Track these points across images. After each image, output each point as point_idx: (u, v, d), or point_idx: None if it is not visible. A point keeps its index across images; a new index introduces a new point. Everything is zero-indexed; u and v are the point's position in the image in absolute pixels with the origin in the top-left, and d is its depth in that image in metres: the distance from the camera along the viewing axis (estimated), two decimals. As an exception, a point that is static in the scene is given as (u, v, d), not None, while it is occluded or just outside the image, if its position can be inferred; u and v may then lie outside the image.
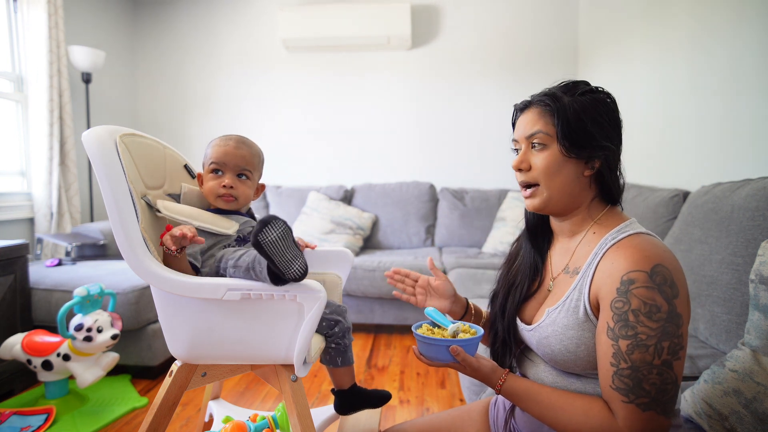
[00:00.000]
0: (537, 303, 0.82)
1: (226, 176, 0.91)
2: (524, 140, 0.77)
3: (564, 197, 0.75)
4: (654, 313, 0.61)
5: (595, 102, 0.73)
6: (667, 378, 0.61)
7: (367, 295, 2.52)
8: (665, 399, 0.62)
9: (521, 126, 0.78)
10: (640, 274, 0.63)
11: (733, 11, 1.63)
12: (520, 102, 0.80)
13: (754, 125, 1.55)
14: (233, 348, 0.81)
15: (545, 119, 0.74)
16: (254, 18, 3.40)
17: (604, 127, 0.72)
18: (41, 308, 1.94)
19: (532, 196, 0.77)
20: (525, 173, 0.77)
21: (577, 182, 0.74)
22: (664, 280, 0.62)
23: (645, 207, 1.77)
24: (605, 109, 0.73)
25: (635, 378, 0.61)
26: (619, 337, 0.63)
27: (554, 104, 0.73)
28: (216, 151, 0.92)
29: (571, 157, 0.72)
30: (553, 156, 0.73)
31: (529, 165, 0.76)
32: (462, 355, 0.71)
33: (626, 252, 0.66)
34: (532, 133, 0.75)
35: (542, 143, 0.74)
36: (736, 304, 1.14)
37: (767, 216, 1.12)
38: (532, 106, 0.77)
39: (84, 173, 2.93)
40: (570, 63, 3.22)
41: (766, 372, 0.81)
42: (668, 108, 2.07)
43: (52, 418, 1.58)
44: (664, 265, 0.63)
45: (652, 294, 0.62)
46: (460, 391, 1.89)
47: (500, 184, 3.27)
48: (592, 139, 0.71)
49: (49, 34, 2.48)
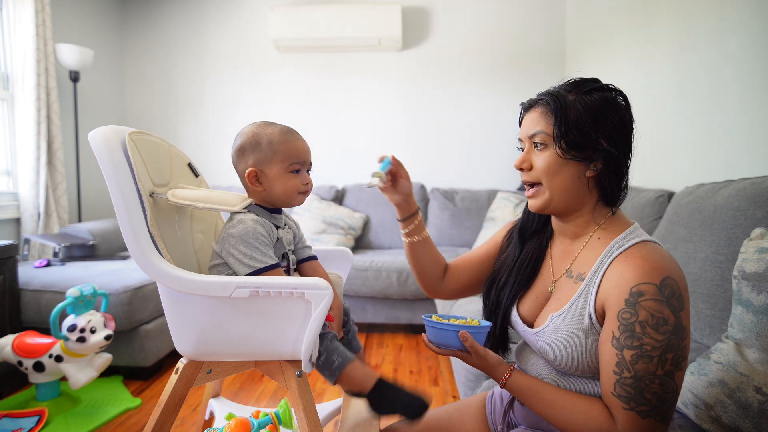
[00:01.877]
0: (539, 304, 0.83)
1: (304, 173, 0.90)
2: (527, 140, 0.77)
3: (566, 197, 0.75)
4: (661, 325, 0.62)
5: (602, 101, 0.72)
6: (668, 388, 0.63)
7: (360, 295, 2.54)
8: (665, 407, 0.63)
9: (525, 125, 0.78)
10: (649, 287, 0.63)
11: (717, 15, 1.69)
12: (527, 101, 0.80)
13: (736, 128, 1.61)
14: (240, 344, 0.82)
15: (547, 119, 0.73)
16: (245, 17, 3.39)
17: (608, 128, 0.71)
18: (30, 309, 1.92)
19: (534, 196, 0.77)
20: (527, 173, 0.77)
21: (579, 183, 0.74)
22: (673, 293, 0.63)
23: (631, 207, 1.82)
24: (612, 109, 0.72)
25: (637, 387, 0.63)
26: (624, 347, 0.64)
27: (555, 104, 0.73)
28: (294, 147, 0.88)
29: (569, 158, 0.72)
30: (553, 156, 0.73)
31: (531, 165, 0.76)
32: (470, 341, 0.74)
33: (635, 263, 0.66)
34: (533, 133, 0.75)
35: (543, 143, 0.74)
36: (719, 300, 1.19)
37: (748, 215, 1.17)
38: (536, 106, 0.76)
39: (72, 173, 2.89)
40: (557, 64, 3.29)
41: (748, 363, 0.85)
42: (653, 110, 2.14)
43: (45, 420, 1.57)
44: (672, 277, 0.64)
45: (660, 307, 0.63)
46: (453, 388, 1.92)
47: (490, 185, 3.32)
48: (590, 141, 0.71)
49: (36, 32, 2.45)
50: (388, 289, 2.48)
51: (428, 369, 2.12)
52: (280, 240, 0.90)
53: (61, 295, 1.87)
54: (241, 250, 0.82)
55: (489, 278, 0.94)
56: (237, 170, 0.92)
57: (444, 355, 0.78)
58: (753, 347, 0.86)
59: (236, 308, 0.79)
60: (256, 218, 0.86)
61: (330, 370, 0.81)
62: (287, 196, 0.89)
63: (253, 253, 0.82)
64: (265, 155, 0.87)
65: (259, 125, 0.90)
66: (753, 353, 0.85)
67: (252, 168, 0.88)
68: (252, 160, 0.88)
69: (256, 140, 0.88)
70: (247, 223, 0.84)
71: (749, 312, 0.88)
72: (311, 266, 0.97)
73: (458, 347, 0.75)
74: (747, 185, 1.23)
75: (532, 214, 0.89)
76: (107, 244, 2.65)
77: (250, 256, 0.82)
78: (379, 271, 2.49)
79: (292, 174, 0.89)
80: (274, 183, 0.88)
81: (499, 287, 0.89)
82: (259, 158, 0.88)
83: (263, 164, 0.88)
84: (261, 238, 0.84)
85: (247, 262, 0.81)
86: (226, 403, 1.17)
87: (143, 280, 1.96)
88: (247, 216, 0.86)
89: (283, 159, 0.88)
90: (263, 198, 0.90)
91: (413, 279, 2.46)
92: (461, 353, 0.76)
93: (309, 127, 3.42)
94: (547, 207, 0.77)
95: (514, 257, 0.89)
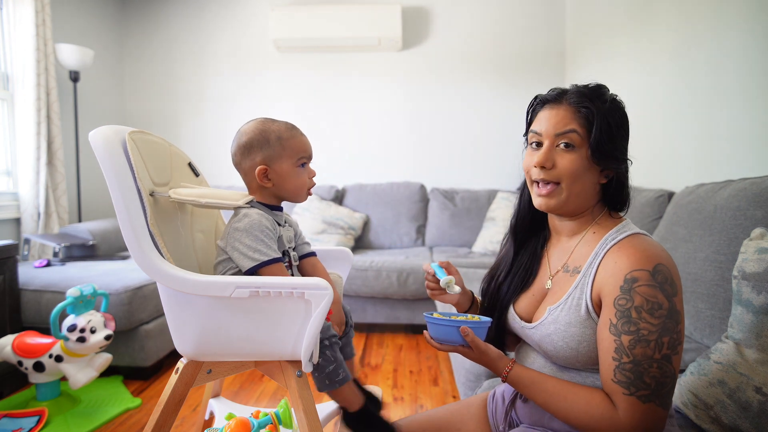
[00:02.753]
0: (536, 301, 0.84)
1: (308, 166, 0.92)
2: (551, 137, 0.74)
3: (579, 200, 0.76)
4: (656, 309, 0.64)
5: (623, 112, 0.74)
6: (666, 371, 0.64)
7: (360, 295, 2.54)
8: (664, 391, 0.64)
9: (549, 120, 0.75)
10: (642, 273, 0.66)
11: (716, 16, 1.70)
12: (550, 93, 0.77)
13: (736, 127, 1.61)
14: (240, 344, 0.82)
15: (579, 121, 0.72)
16: (245, 18, 3.39)
17: (626, 139, 0.74)
18: (30, 309, 1.92)
19: (550, 195, 0.75)
20: (547, 171, 0.74)
21: (593, 188, 0.76)
22: (665, 278, 0.65)
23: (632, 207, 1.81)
24: (625, 120, 0.75)
25: (636, 371, 0.64)
26: (622, 332, 0.65)
27: (593, 109, 0.71)
28: (300, 142, 0.90)
29: (595, 164, 0.73)
30: (581, 160, 0.72)
31: (554, 163, 0.74)
32: (471, 336, 0.74)
33: (629, 252, 0.69)
34: (563, 132, 0.73)
35: (571, 144, 0.72)
36: (719, 300, 1.19)
37: (748, 215, 1.17)
38: (565, 103, 0.74)
39: (72, 173, 2.89)
40: (557, 64, 3.29)
41: (748, 363, 0.85)
42: (653, 110, 2.14)
43: (45, 420, 1.57)
44: (663, 264, 0.66)
45: (654, 292, 0.65)
46: (453, 388, 1.92)
47: (490, 185, 3.32)
48: (617, 151, 0.73)
49: (36, 32, 2.45)
50: (388, 289, 2.48)
51: (428, 369, 2.13)
52: (281, 238, 0.91)
53: (61, 295, 1.87)
54: (246, 243, 0.83)
55: (486, 280, 0.95)
56: (241, 168, 0.91)
57: (446, 351, 0.79)
58: (753, 347, 0.86)
59: (236, 308, 0.79)
60: (260, 212, 0.88)
61: (332, 380, 0.85)
62: (298, 190, 0.91)
63: (258, 245, 0.83)
64: (275, 151, 0.88)
65: (263, 122, 0.91)
66: (753, 353, 0.85)
67: (262, 165, 0.88)
68: (260, 157, 0.88)
69: (264, 137, 0.88)
70: (252, 216, 0.86)
71: (749, 312, 0.88)
72: (311, 263, 0.99)
73: (460, 343, 0.76)
74: (747, 185, 1.23)
75: (524, 213, 0.88)
76: (107, 244, 2.65)
77: (254, 248, 0.83)
78: (379, 271, 2.49)
79: (300, 169, 0.91)
80: (285, 179, 0.89)
81: (495, 290, 0.91)
82: (269, 154, 0.88)
83: (273, 160, 0.89)
84: (266, 231, 0.85)
85: (251, 255, 0.82)
86: (226, 403, 1.17)
87: (143, 280, 1.96)
88: (252, 210, 0.87)
89: (292, 154, 0.89)
90: (272, 193, 0.92)
91: (413, 279, 2.46)
92: (463, 349, 0.77)
93: (309, 127, 3.39)
94: (560, 208, 0.77)
95: (509, 261, 0.90)
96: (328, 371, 0.84)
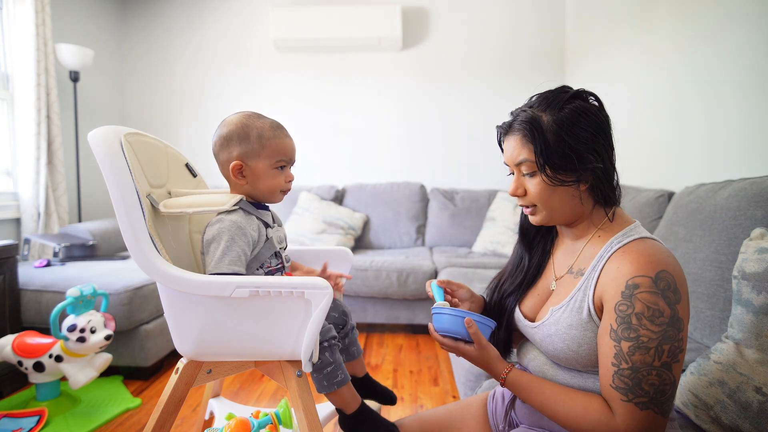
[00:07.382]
0: (540, 301, 0.85)
1: (288, 169, 0.89)
2: (513, 167, 0.78)
3: (564, 212, 0.76)
4: (657, 317, 0.63)
5: (576, 113, 0.71)
6: (665, 379, 0.63)
7: (360, 295, 2.54)
8: (663, 399, 0.64)
9: (507, 151, 0.78)
10: (644, 279, 0.65)
11: (716, 15, 1.70)
12: (503, 124, 0.80)
13: (736, 127, 1.61)
14: (240, 344, 0.82)
15: (528, 147, 0.73)
16: (245, 17, 3.39)
17: (588, 140, 0.71)
18: (30, 309, 1.92)
19: (533, 214, 0.79)
20: (522, 198, 0.78)
21: (574, 198, 0.75)
22: (668, 285, 0.64)
23: (631, 207, 1.82)
24: (585, 118, 0.71)
25: (635, 378, 0.63)
26: (622, 338, 0.65)
27: (532, 131, 0.72)
28: (281, 144, 0.87)
29: (558, 184, 0.72)
30: (542, 183, 0.74)
31: (525, 190, 0.77)
32: (474, 328, 0.75)
33: (632, 257, 0.67)
34: (518, 162, 0.75)
35: (530, 171, 0.74)
36: (719, 300, 1.19)
37: (748, 215, 1.17)
38: (514, 131, 0.76)
39: (72, 173, 2.89)
40: (557, 65, 3.29)
41: (748, 363, 0.85)
42: (653, 110, 2.14)
43: (45, 420, 1.57)
44: (668, 270, 0.65)
45: (655, 299, 0.64)
46: (453, 388, 1.92)
47: (490, 185, 3.32)
48: (575, 160, 0.71)
49: (36, 32, 2.45)
50: (388, 289, 2.48)
51: (428, 369, 2.13)
52: (271, 240, 0.88)
53: (61, 295, 1.87)
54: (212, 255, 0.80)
55: (493, 282, 0.95)
56: (218, 159, 0.88)
57: (448, 347, 0.78)
58: (753, 347, 0.86)
59: (236, 308, 0.79)
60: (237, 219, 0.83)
61: (330, 381, 0.85)
62: (270, 192, 0.88)
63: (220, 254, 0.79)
64: (253, 149, 0.85)
65: (248, 116, 0.87)
66: (753, 353, 0.85)
67: (237, 161, 0.85)
68: (237, 152, 0.85)
69: (245, 132, 0.85)
70: (224, 222, 0.82)
71: (749, 312, 0.88)
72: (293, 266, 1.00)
73: (463, 334, 0.76)
74: (747, 185, 1.23)
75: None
76: (107, 244, 2.65)
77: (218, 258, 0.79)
78: (379, 271, 2.49)
79: (277, 171, 0.87)
80: (259, 178, 0.86)
81: (502, 291, 0.91)
82: (246, 151, 0.85)
83: (250, 158, 0.85)
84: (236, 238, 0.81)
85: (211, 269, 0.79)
86: (226, 403, 1.17)
87: (143, 280, 1.96)
88: (228, 216, 0.83)
89: (270, 155, 0.86)
90: (245, 192, 0.88)
91: (413, 279, 2.46)
92: (464, 346, 0.77)
93: (309, 127, 3.43)
94: (548, 221, 0.79)
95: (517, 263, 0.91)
96: (327, 372, 0.84)
